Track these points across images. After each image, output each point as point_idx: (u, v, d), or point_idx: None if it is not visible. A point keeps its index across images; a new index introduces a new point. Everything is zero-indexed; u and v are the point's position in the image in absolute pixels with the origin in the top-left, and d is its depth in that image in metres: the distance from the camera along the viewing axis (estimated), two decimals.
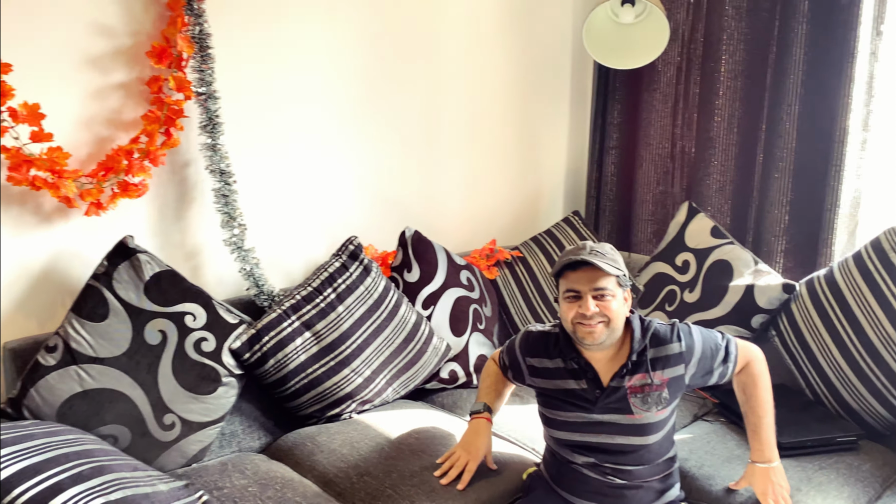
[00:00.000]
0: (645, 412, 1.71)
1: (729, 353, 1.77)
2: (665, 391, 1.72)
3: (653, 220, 3.06)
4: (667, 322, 1.80)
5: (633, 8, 2.79)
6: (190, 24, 1.95)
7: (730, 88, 2.73)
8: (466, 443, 1.88)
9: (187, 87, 1.96)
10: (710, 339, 1.77)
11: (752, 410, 1.79)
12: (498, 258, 2.77)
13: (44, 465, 1.33)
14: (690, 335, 1.75)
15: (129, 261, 1.88)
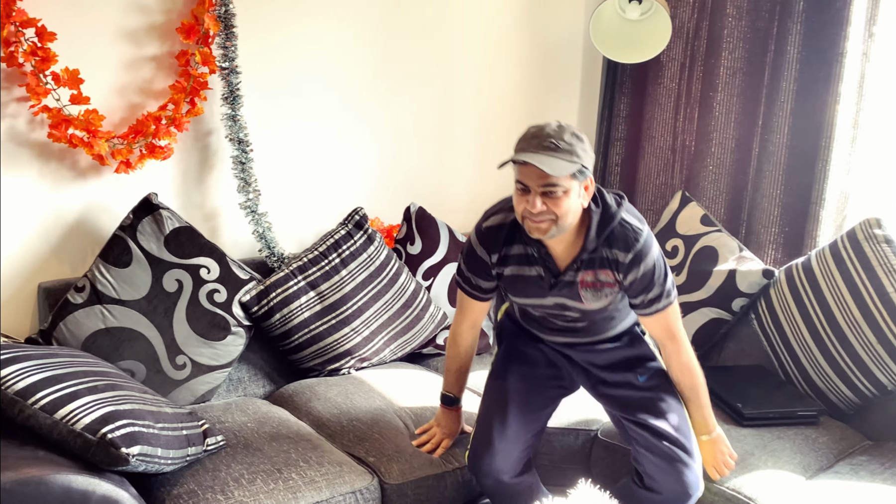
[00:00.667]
0: (594, 303, 1.79)
1: (658, 301, 1.77)
2: (616, 288, 1.77)
3: (652, 209, 3.18)
4: (636, 222, 1.74)
5: (640, 5, 2.92)
6: (217, 4, 2.15)
7: (728, 84, 2.84)
8: (443, 423, 2.01)
9: (212, 62, 2.16)
10: (657, 274, 1.74)
11: (684, 393, 1.89)
12: None
13: (63, 377, 1.53)
14: (642, 258, 1.71)
15: (152, 215, 2.09)
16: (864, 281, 2.17)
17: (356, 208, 2.44)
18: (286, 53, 2.40)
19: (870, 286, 2.15)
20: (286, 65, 2.41)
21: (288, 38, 2.39)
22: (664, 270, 1.76)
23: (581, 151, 1.64)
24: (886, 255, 2.16)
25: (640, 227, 1.74)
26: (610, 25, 2.96)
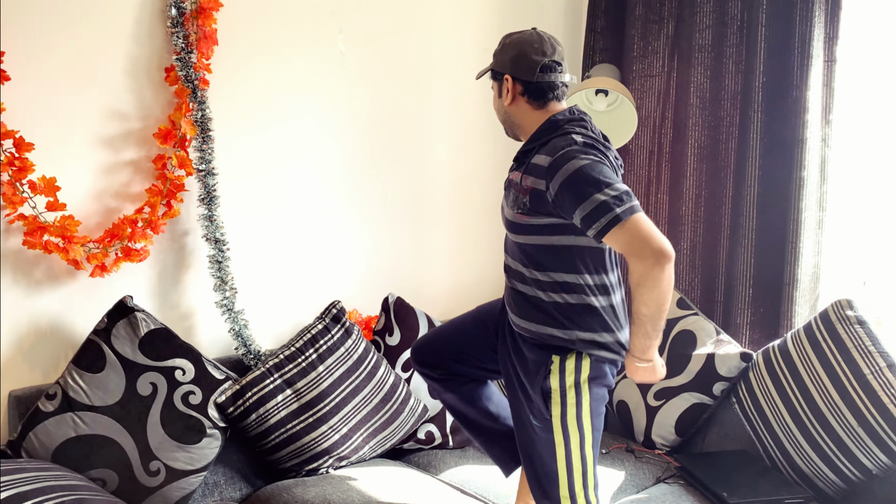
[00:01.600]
0: (509, 208, 1.77)
1: (598, 218, 1.56)
2: (527, 198, 1.68)
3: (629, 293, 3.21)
4: (577, 136, 1.65)
5: (606, 97, 3.03)
6: (193, 110, 2.21)
7: (696, 171, 2.92)
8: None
9: (188, 165, 2.20)
10: (584, 183, 1.57)
11: (633, 305, 1.68)
12: None
13: (30, 494, 1.49)
14: (563, 163, 1.60)
15: (127, 318, 2.08)
16: (841, 363, 2.18)
17: (333, 302, 2.45)
18: (262, 154, 2.45)
19: (846, 368, 2.16)
20: (262, 165, 2.46)
21: (264, 139, 2.45)
22: (599, 181, 1.56)
23: (498, 55, 1.81)
24: (860, 336, 2.19)
25: (576, 139, 1.64)
26: None
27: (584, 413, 1.76)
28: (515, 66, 1.76)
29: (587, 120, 1.78)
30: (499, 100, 1.82)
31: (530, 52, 1.75)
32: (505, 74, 1.78)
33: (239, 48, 2.35)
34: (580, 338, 1.73)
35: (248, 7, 2.36)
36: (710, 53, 2.86)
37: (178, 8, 2.17)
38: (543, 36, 1.78)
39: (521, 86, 1.76)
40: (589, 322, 1.73)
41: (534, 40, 1.76)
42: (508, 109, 1.81)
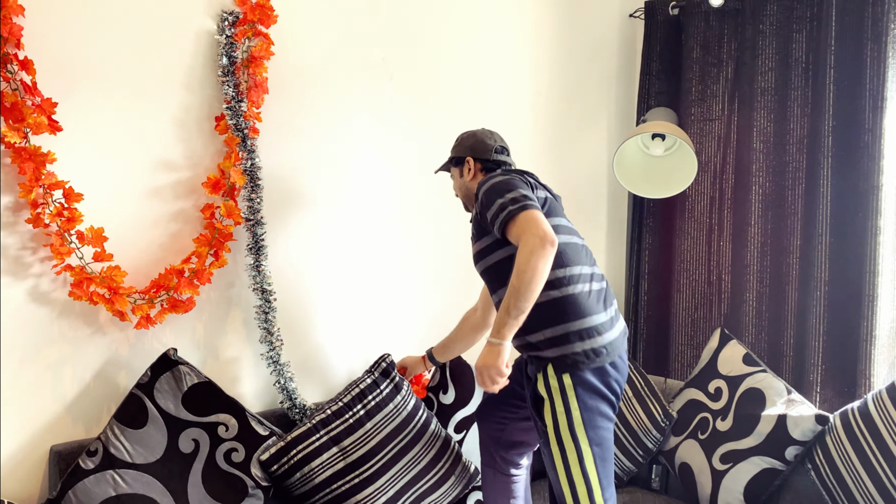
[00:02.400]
0: (473, 240, 2.06)
1: (498, 217, 1.85)
2: (473, 228, 2.04)
3: (691, 344, 3.05)
4: (504, 170, 1.98)
5: (663, 142, 2.93)
6: (243, 159, 2.18)
7: (762, 218, 2.78)
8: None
9: (237, 214, 2.16)
10: (492, 198, 1.88)
11: (510, 281, 1.79)
12: None
13: None
14: (483, 185, 1.94)
15: (171, 372, 2.02)
16: None
17: (383, 355, 2.36)
18: (311, 204, 2.40)
19: None
20: (311, 214, 2.41)
21: (312, 187, 2.41)
22: (502, 189, 1.87)
23: (457, 147, 2.19)
24: None
25: (496, 172, 1.99)
26: (634, 162, 2.96)
27: (576, 423, 1.85)
28: (475, 150, 2.15)
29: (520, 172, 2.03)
30: (461, 179, 2.18)
31: (486, 139, 2.16)
32: (466, 157, 2.15)
33: (289, 96, 2.32)
34: (547, 337, 1.88)
35: (299, 55, 2.33)
36: (774, 96, 2.75)
37: (229, 57, 2.16)
38: (493, 132, 2.19)
39: (479, 164, 2.15)
40: (547, 319, 1.87)
41: (486, 134, 2.17)
42: (469, 184, 2.16)
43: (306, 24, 2.35)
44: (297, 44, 2.33)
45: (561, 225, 1.96)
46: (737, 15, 2.89)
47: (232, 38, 2.17)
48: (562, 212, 2.03)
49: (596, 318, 1.87)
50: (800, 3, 2.68)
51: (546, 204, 1.96)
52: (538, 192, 1.96)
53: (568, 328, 1.85)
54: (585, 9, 3.10)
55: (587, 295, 1.89)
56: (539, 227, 1.75)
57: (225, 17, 2.16)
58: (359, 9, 2.46)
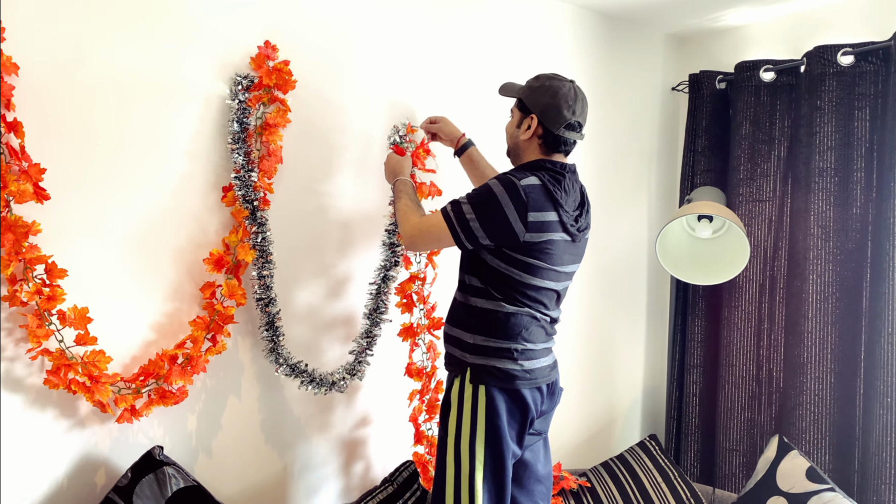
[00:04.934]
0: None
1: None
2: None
3: (739, 450, 2.74)
4: (532, 183, 1.78)
5: (711, 224, 2.70)
6: (252, 233, 1.98)
7: (821, 311, 2.51)
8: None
9: (239, 295, 1.95)
10: (465, 197, 1.83)
11: (397, 204, 2.04)
12: (563, 486, 2.51)
13: None
14: (491, 182, 1.81)
15: (154, 473, 1.78)
16: None
17: (406, 462, 2.10)
18: (323, 279, 2.19)
19: None
20: (323, 290, 2.19)
21: (321, 264, 2.20)
22: (477, 192, 1.81)
23: (532, 91, 1.88)
24: None
25: (525, 175, 1.79)
26: (678, 244, 2.73)
27: (478, 437, 1.78)
28: (544, 113, 1.85)
29: (566, 177, 1.85)
30: (516, 129, 1.92)
31: (563, 107, 1.84)
32: (532, 113, 1.87)
33: (303, 165, 2.14)
34: (478, 343, 1.83)
35: (315, 122, 2.16)
36: (834, 178, 2.51)
37: (241, 123, 1.99)
38: (578, 94, 1.87)
39: (541, 129, 1.86)
40: (485, 328, 1.82)
41: (569, 97, 1.85)
42: (521, 142, 1.90)
43: (323, 88, 2.18)
44: (313, 109, 2.15)
45: (542, 268, 1.83)
46: (790, 90, 2.68)
47: (245, 104, 2.00)
48: (560, 257, 1.84)
49: (533, 344, 1.84)
50: (861, 80, 2.47)
51: (534, 249, 1.79)
52: (533, 234, 1.77)
53: (500, 343, 1.81)
54: (626, 81, 2.93)
55: (533, 320, 1.85)
56: (423, 232, 1.90)
57: (239, 80, 2.00)
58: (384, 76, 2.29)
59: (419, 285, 2.27)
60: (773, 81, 2.70)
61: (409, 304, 2.26)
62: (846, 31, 2.58)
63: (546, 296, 1.86)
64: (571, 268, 1.91)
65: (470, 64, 2.47)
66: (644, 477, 2.49)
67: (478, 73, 2.48)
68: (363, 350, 2.20)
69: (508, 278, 1.81)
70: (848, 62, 2.49)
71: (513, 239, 1.76)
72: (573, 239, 1.86)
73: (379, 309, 2.22)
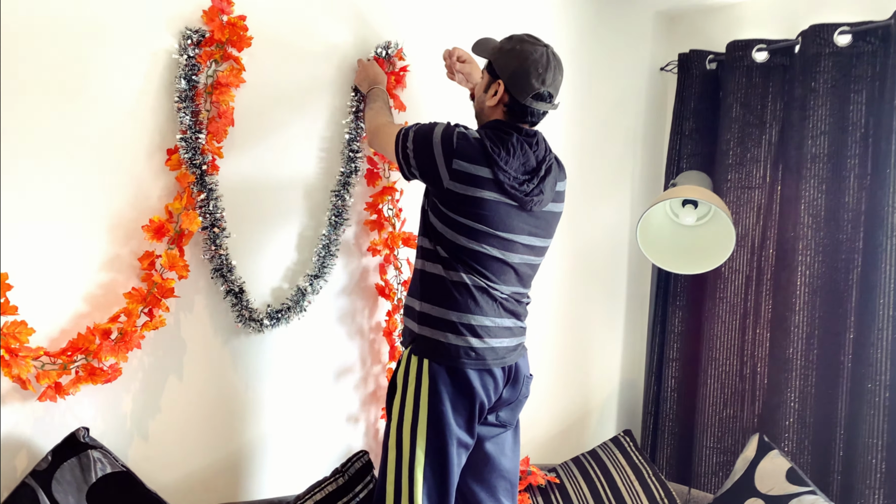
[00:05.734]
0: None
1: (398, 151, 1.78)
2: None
3: (719, 448, 2.61)
4: (478, 136, 1.71)
5: (696, 209, 2.56)
6: (199, 200, 1.83)
7: (808, 304, 2.38)
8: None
9: (180, 266, 1.79)
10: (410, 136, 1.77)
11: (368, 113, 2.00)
12: (530, 482, 2.37)
13: None
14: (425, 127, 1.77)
15: (78, 458, 1.63)
16: None
17: (359, 452, 1.96)
18: (274, 248, 2.04)
19: None
20: (276, 259, 2.04)
21: (275, 233, 2.05)
22: (423, 125, 1.77)
23: (502, 54, 1.75)
24: None
25: (472, 130, 1.75)
26: (661, 231, 2.59)
27: (419, 422, 1.67)
28: (512, 80, 1.73)
29: (514, 137, 1.74)
30: (483, 93, 1.81)
31: (532, 75, 1.71)
32: (499, 79, 1.75)
33: (258, 129, 1.98)
34: (423, 311, 1.73)
35: (275, 84, 2.00)
36: (826, 164, 2.38)
37: (189, 81, 1.83)
38: (552, 61, 1.73)
39: (508, 97, 1.74)
40: (428, 294, 1.73)
41: (540, 63, 1.71)
42: (486, 108, 1.80)
43: (283, 47, 2.02)
44: (272, 70, 2.00)
45: (479, 231, 1.70)
46: (783, 71, 2.54)
47: (195, 60, 1.85)
48: (503, 221, 1.71)
49: (482, 318, 1.71)
50: (859, 61, 2.34)
51: (464, 205, 1.69)
52: (457, 185, 1.69)
53: (444, 313, 1.70)
54: (612, 59, 2.78)
55: (482, 292, 1.71)
56: (381, 136, 1.87)
57: (189, 35, 1.84)
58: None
59: (392, 199, 2.18)
60: (766, 62, 2.56)
61: (380, 221, 2.17)
62: (843, 10, 2.43)
63: (493, 266, 1.73)
64: (527, 240, 1.77)
65: (452, 24, 2.31)
66: (616, 474, 2.36)
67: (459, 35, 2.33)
68: (324, 254, 2.07)
69: (445, 239, 1.72)
70: (845, 42, 2.35)
71: (436, 181, 1.70)
72: (521, 205, 1.73)
73: (340, 214, 2.09)
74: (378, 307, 2.24)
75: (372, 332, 2.23)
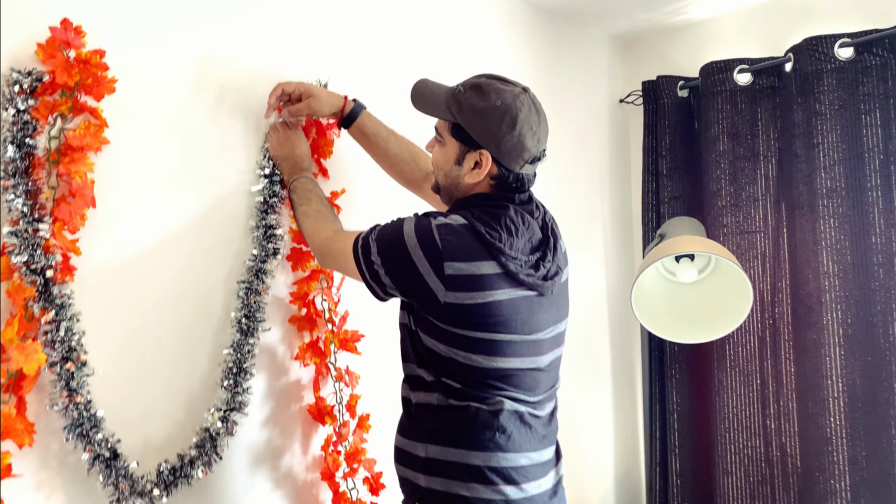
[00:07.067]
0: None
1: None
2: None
3: None
4: (443, 216, 1.27)
5: (693, 262, 2.12)
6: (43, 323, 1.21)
7: (846, 368, 1.96)
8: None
9: (20, 431, 1.16)
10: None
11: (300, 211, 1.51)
12: None
13: None
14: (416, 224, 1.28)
15: None
16: None
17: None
18: (163, 377, 1.43)
19: None
20: (166, 394, 1.43)
21: (162, 355, 1.44)
22: (385, 228, 1.31)
23: (473, 118, 1.28)
24: None
25: (433, 213, 1.30)
26: (654, 293, 2.14)
27: None
28: (502, 149, 1.28)
29: (511, 209, 1.29)
30: (454, 167, 1.33)
31: (526, 136, 1.29)
32: (482, 149, 1.29)
33: (129, 212, 1.39)
34: (431, 456, 1.26)
35: (153, 143, 1.42)
36: (846, 200, 1.99)
37: (20, 146, 1.22)
38: (540, 110, 1.32)
39: (497, 169, 1.31)
40: (439, 431, 1.27)
41: (531, 119, 1.29)
42: (463, 184, 1.34)
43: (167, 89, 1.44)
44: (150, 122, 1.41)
45: (501, 342, 1.26)
46: (773, 94, 2.17)
47: (28, 115, 1.25)
48: (526, 321, 1.28)
49: (516, 456, 1.26)
50: (866, 77, 1.98)
51: (474, 316, 1.23)
52: (458, 294, 1.22)
53: (466, 457, 1.24)
54: (567, 92, 2.34)
55: (514, 420, 1.27)
56: (333, 254, 1.39)
57: (16, 78, 1.24)
58: None
59: (325, 285, 1.62)
60: (751, 84, 2.19)
61: (311, 316, 1.61)
62: (834, 21, 2.10)
63: (525, 381, 1.30)
64: (553, 330, 1.33)
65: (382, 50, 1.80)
66: None
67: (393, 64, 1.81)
68: (236, 373, 1.46)
69: (455, 363, 1.26)
70: (847, 56, 2.00)
71: (430, 298, 1.23)
72: (540, 292, 1.29)
73: (252, 315, 1.49)
74: (314, 437, 1.64)
75: (307, 473, 1.63)
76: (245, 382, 1.47)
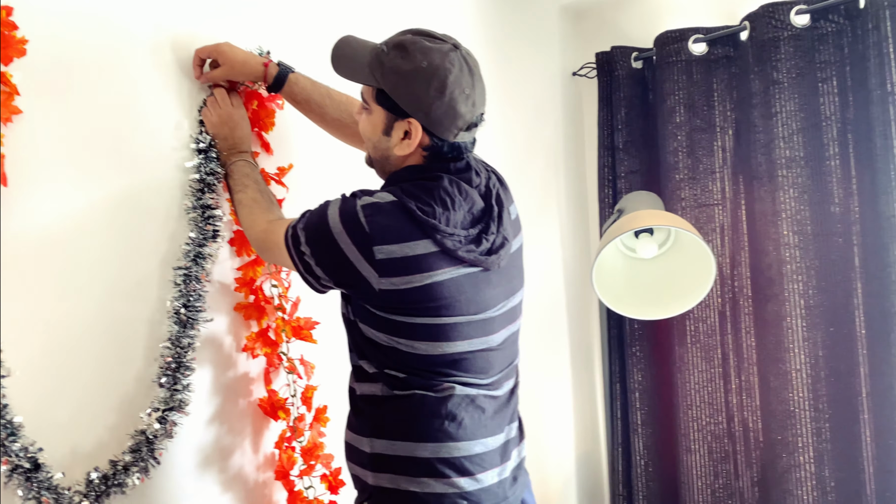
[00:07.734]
0: None
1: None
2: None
3: None
4: (368, 194, 1.18)
5: (652, 237, 2.06)
6: None
7: (809, 340, 1.94)
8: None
9: None
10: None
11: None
12: None
13: None
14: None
15: None
16: None
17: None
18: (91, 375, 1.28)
19: None
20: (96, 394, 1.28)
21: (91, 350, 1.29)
22: (311, 214, 1.20)
23: (400, 77, 1.15)
24: None
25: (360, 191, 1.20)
26: (613, 270, 2.08)
27: None
28: (432, 117, 1.16)
29: (444, 180, 1.18)
30: (383, 137, 1.21)
31: (458, 101, 1.15)
32: (409, 117, 1.17)
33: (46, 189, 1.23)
34: (377, 451, 1.19)
35: (71, 111, 1.26)
36: (804, 169, 1.97)
37: None
38: (473, 70, 1.19)
39: (429, 139, 1.18)
40: (384, 425, 1.19)
41: (463, 81, 1.16)
42: (393, 156, 1.22)
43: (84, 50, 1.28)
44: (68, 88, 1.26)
45: (447, 326, 1.18)
46: (729, 63, 2.13)
47: None
48: (473, 300, 1.19)
49: (470, 444, 1.18)
50: (822, 44, 1.95)
51: (411, 302, 1.15)
52: (393, 280, 1.13)
53: (414, 449, 1.17)
54: (518, 65, 2.24)
55: (466, 406, 1.19)
56: (269, 247, 1.28)
57: None
58: None
59: (273, 269, 1.50)
60: (706, 55, 2.14)
61: (259, 304, 1.48)
62: None
63: (476, 364, 1.21)
64: (505, 305, 1.26)
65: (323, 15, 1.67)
66: None
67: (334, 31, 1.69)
68: (175, 368, 1.32)
69: (397, 352, 1.18)
70: (803, 23, 1.97)
71: (364, 287, 1.14)
72: (488, 267, 1.20)
73: (192, 304, 1.36)
74: (266, 434, 1.52)
75: (259, 472, 1.51)
76: (185, 379, 1.33)
